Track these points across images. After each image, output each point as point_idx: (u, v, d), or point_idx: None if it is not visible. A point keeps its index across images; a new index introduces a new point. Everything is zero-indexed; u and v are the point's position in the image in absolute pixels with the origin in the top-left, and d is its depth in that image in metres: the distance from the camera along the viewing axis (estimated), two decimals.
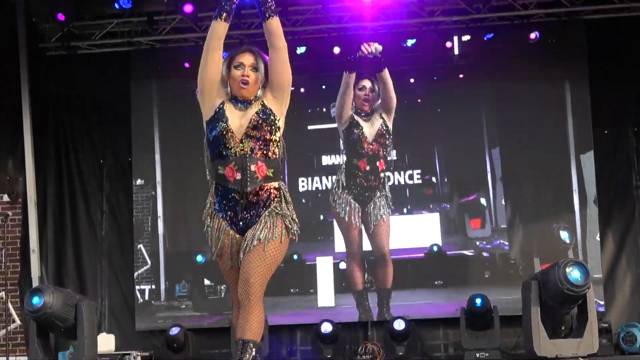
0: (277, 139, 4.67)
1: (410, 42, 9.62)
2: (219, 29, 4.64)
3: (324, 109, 9.66)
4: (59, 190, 9.89)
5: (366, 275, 9.37)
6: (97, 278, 9.75)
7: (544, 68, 9.47)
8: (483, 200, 9.54)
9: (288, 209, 4.66)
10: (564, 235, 9.26)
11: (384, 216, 9.10)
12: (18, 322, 9.04)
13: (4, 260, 9.14)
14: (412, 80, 9.64)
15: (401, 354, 8.89)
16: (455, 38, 9.58)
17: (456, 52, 9.62)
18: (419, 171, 9.61)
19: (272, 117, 4.63)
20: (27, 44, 9.63)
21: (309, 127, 9.76)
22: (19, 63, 9.61)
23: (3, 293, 8.98)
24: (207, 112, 4.68)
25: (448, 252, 9.43)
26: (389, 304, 9.29)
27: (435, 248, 9.43)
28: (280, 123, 4.68)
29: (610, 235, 9.38)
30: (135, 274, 9.64)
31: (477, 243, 9.44)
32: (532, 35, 9.48)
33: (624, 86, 9.41)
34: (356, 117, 9.08)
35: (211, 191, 4.69)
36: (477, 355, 8.43)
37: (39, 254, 9.62)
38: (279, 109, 4.67)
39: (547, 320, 7.53)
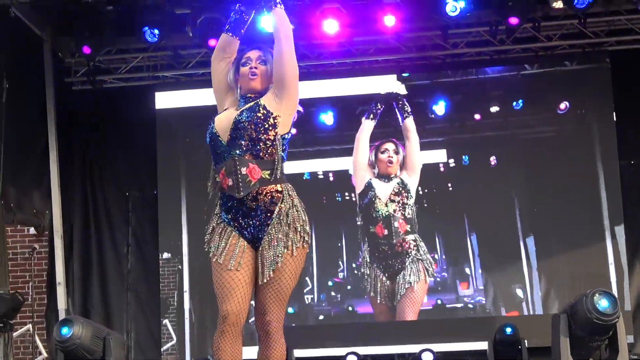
0: (271, 138, 4.24)
1: (439, 112, 9.48)
2: (221, 40, 4.49)
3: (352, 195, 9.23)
4: (85, 223, 9.93)
5: None
6: (123, 311, 9.74)
7: (574, 142, 9.38)
8: (519, 292, 9.29)
9: (295, 214, 4.27)
10: None
11: (414, 284, 8.48)
12: (45, 354, 9.06)
13: (30, 293, 9.15)
14: (441, 167, 9.45)
15: None
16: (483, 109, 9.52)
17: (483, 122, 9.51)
18: (451, 262, 9.37)
19: (259, 114, 4.24)
20: (54, 78, 9.72)
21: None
22: (45, 97, 9.70)
23: (30, 326, 9.02)
24: None
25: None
26: None
27: None
28: (278, 121, 4.27)
29: (638, 266, 9.31)
30: (162, 349, 9.56)
31: None
32: (562, 106, 9.43)
33: None
34: (373, 179, 8.70)
35: (216, 201, 4.40)
36: None
37: (65, 287, 9.61)
38: (278, 106, 4.29)
39: (576, 352, 7.48)
